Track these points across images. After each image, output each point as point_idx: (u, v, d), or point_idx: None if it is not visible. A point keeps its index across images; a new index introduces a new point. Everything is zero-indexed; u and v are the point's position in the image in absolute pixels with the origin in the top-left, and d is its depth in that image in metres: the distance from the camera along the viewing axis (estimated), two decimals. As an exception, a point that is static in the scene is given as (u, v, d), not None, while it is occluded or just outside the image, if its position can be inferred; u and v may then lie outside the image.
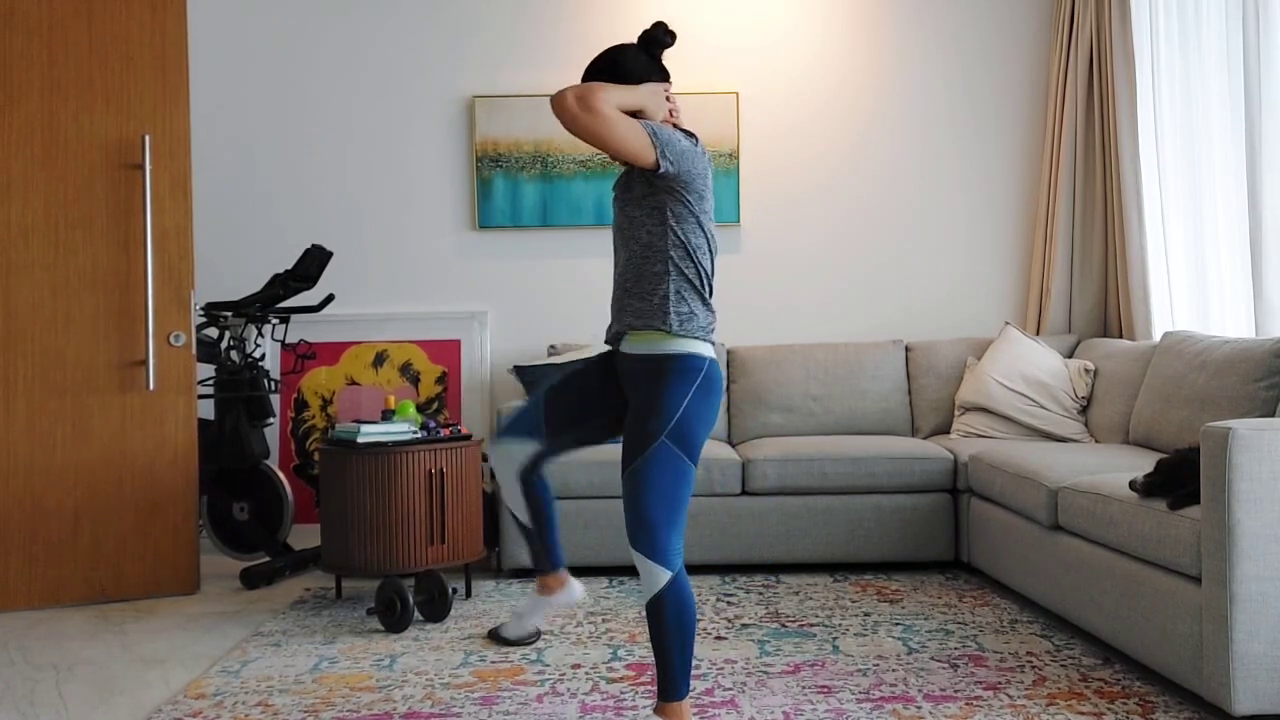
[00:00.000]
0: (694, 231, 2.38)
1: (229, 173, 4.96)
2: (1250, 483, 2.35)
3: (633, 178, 2.44)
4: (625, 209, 2.46)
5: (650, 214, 2.38)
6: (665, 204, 2.35)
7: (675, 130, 2.38)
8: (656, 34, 2.49)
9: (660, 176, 2.31)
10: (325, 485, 3.63)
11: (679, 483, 2.35)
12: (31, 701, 2.78)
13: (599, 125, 2.21)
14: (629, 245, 2.44)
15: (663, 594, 2.30)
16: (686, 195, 2.35)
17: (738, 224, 4.93)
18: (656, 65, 2.50)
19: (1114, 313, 4.62)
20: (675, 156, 2.30)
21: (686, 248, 2.38)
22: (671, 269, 2.38)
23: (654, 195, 2.37)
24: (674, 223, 2.36)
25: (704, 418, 2.38)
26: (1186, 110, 4.16)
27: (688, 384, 2.36)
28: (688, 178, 2.34)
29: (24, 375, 3.79)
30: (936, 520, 4.00)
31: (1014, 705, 2.60)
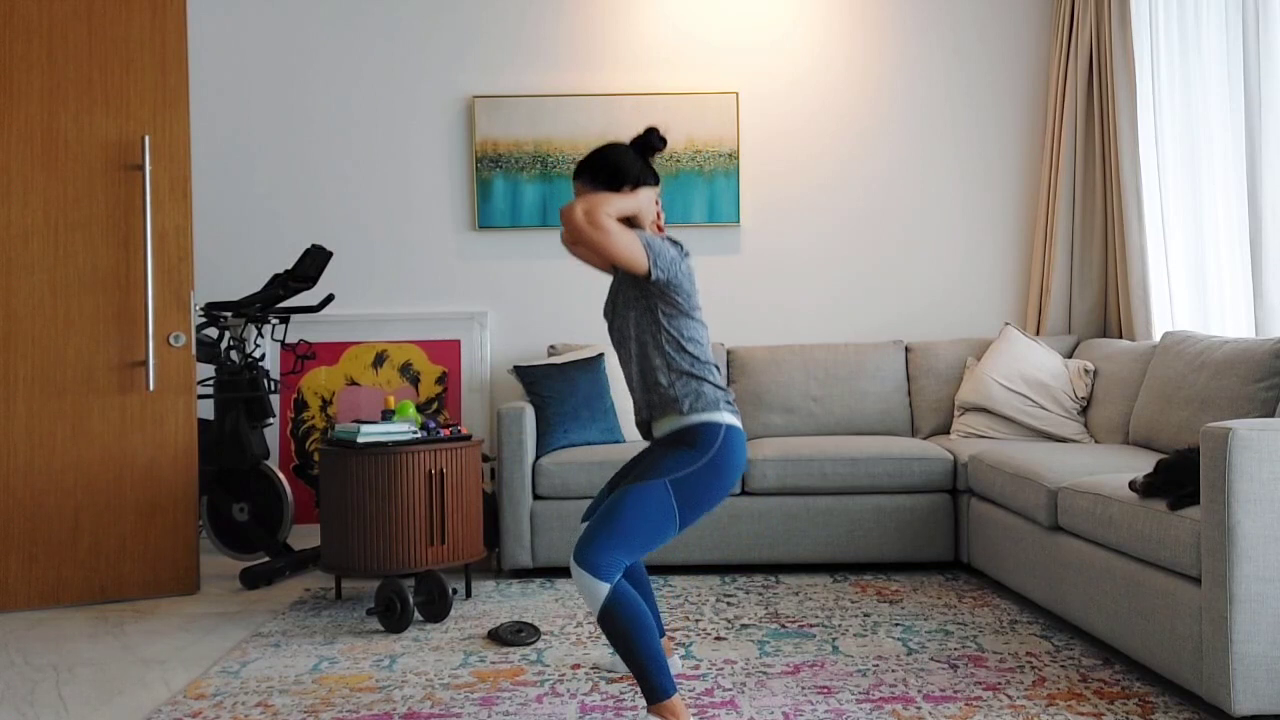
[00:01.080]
0: (686, 325, 2.55)
1: (229, 173, 4.96)
2: (1250, 483, 2.34)
3: (622, 285, 2.61)
4: (619, 313, 2.62)
5: (643, 315, 2.55)
6: (656, 305, 2.53)
7: (664, 240, 2.54)
8: (650, 140, 2.66)
9: (650, 283, 2.50)
10: (325, 485, 3.63)
11: (655, 529, 2.44)
12: (31, 702, 2.78)
13: (604, 240, 2.40)
14: (628, 345, 2.60)
15: (609, 606, 2.35)
16: (675, 297, 2.53)
17: (738, 224, 4.93)
18: (649, 168, 2.65)
19: (1114, 313, 4.62)
20: (665, 265, 2.48)
21: (680, 341, 2.54)
22: (670, 362, 2.53)
23: (645, 299, 2.54)
24: (665, 321, 2.53)
25: (712, 492, 2.49)
26: (1186, 110, 4.16)
27: (703, 450, 2.48)
28: (676, 282, 2.51)
29: (24, 376, 3.79)
30: (936, 521, 4.00)
31: (1014, 705, 2.60)
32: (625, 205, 2.51)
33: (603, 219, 2.40)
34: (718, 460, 2.48)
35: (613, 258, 2.43)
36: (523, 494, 4.00)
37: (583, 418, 4.28)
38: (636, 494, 2.44)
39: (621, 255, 2.42)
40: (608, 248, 2.41)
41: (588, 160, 2.63)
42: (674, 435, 2.53)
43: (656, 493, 2.44)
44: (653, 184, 2.64)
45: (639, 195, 2.57)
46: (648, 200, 2.60)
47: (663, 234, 2.62)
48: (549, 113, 4.89)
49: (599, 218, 2.40)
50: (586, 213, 2.40)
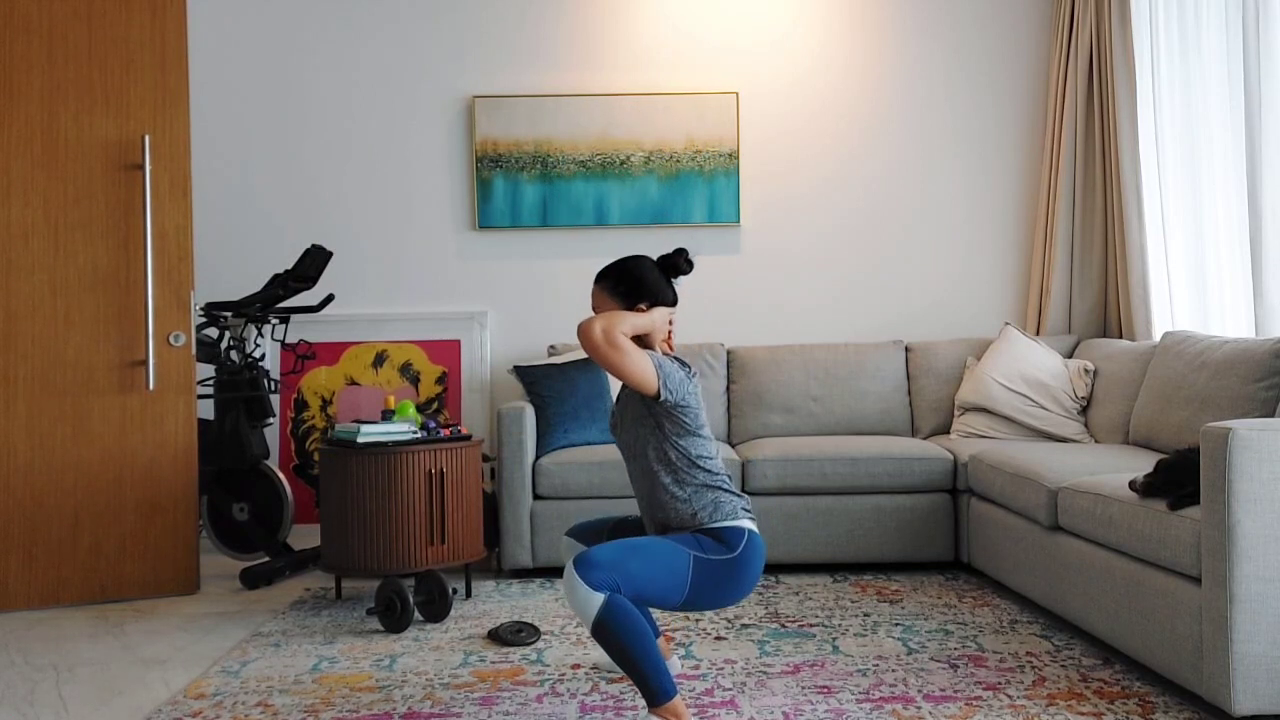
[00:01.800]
0: (694, 443, 2.58)
1: (229, 173, 4.96)
2: (1250, 483, 2.34)
3: (629, 402, 2.65)
4: (628, 428, 2.65)
5: (652, 432, 2.58)
6: (663, 424, 2.57)
7: (672, 361, 2.59)
8: (678, 262, 2.74)
9: (659, 403, 2.54)
10: (325, 485, 3.63)
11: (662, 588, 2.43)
12: (31, 702, 2.78)
13: (619, 360, 2.46)
14: (637, 460, 2.63)
15: (602, 616, 2.34)
16: (682, 417, 2.56)
17: (738, 224, 4.93)
18: (669, 288, 2.73)
19: (1114, 313, 4.62)
20: (674, 387, 2.53)
21: (689, 457, 2.57)
22: (682, 477, 2.57)
23: (651, 417, 2.58)
24: (674, 439, 2.57)
25: (729, 584, 2.51)
26: (1186, 110, 4.16)
27: (734, 547, 2.51)
28: (684, 403, 2.55)
29: (24, 376, 3.79)
30: (936, 520, 4.00)
31: (1014, 705, 2.60)
32: (640, 323, 2.57)
33: (619, 338, 2.46)
34: (742, 560, 2.51)
35: (625, 377, 2.48)
36: (523, 494, 4.00)
37: (583, 418, 4.28)
38: (665, 548, 2.46)
39: (634, 375, 2.47)
40: (622, 367, 2.46)
41: (613, 268, 2.69)
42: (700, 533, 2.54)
43: (680, 559, 2.46)
44: (669, 304, 2.69)
45: (654, 314, 2.62)
46: (662, 319, 2.65)
47: (672, 353, 2.68)
48: (549, 113, 4.89)
49: (615, 337, 2.46)
50: (605, 331, 2.46)
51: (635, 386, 2.51)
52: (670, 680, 2.39)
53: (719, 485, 2.58)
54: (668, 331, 2.70)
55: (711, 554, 2.48)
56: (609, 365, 2.47)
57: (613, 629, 2.34)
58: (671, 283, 2.72)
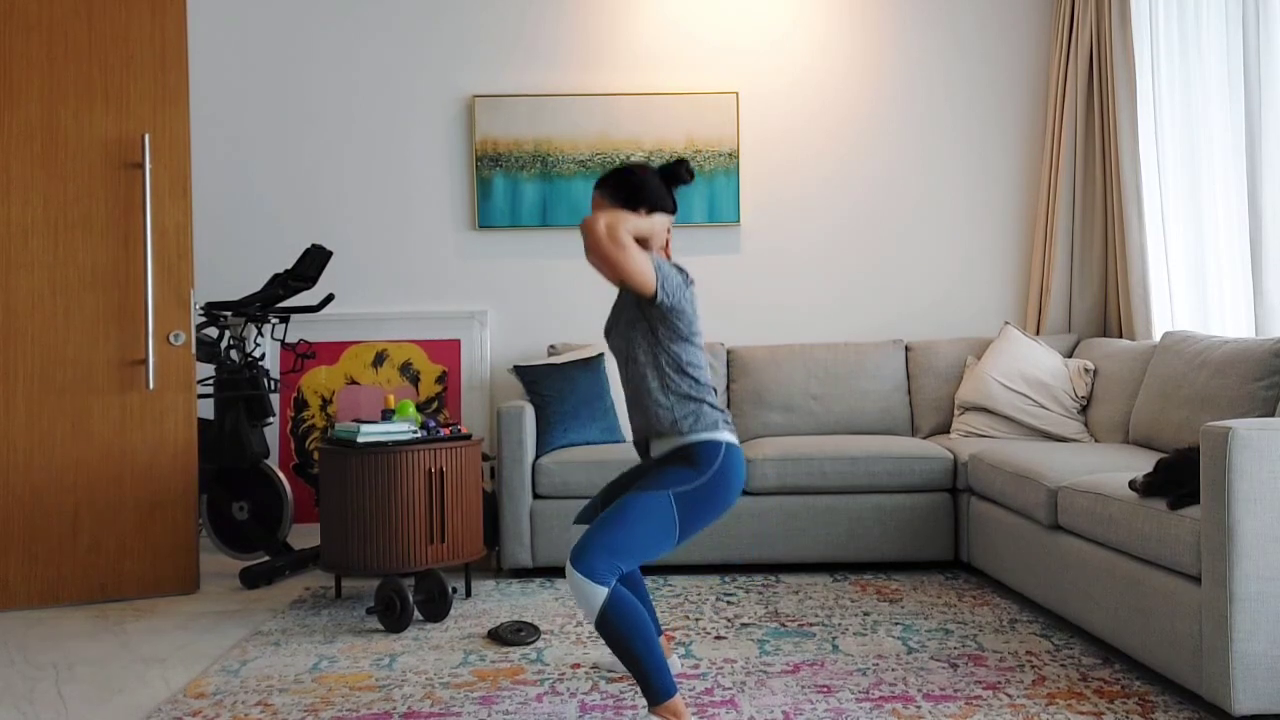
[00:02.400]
0: (685, 349, 2.59)
1: (229, 173, 4.96)
2: (1250, 483, 2.35)
3: (625, 305, 2.66)
4: (621, 331, 2.66)
5: (644, 336, 2.59)
6: (656, 328, 2.58)
7: (672, 265, 2.59)
8: (679, 171, 2.73)
9: (654, 305, 2.54)
10: (325, 485, 3.63)
11: (654, 540, 2.46)
12: (31, 701, 2.78)
13: (620, 256, 2.46)
14: (627, 365, 2.64)
15: (606, 610, 2.36)
16: (676, 321, 2.57)
17: (738, 224, 4.93)
18: (669, 197, 2.72)
19: (1114, 312, 4.62)
20: (671, 290, 2.54)
21: (679, 364, 2.58)
22: (669, 383, 2.57)
23: (646, 320, 2.58)
24: (666, 342, 2.57)
25: (712, 508, 2.53)
26: (1186, 110, 4.16)
27: (705, 467, 2.52)
28: (679, 307, 2.56)
29: (24, 374, 3.79)
30: (936, 520, 4.00)
31: (1014, 705, 2.60)
32: (640, 226, 2.56)
33: (622, 235, 2.46)
34: (719, 477, 2.52)
35: (624, 274, 2.47)
36: (523, 493, 4.00)
37: (583, 417, 4.28)
38: (639, 503, 2.46)
39: (633, 274, 2.47)
40: (622, 264, 2.45)
41: (613, 175, 2.68)
42: (673, 453, 2.56)
43: (660, 503, 2.47)
44: (669, 211, 2.69)
45: (654, 219, 2.62)
46: (661, 225, 2.64)
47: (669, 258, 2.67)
48: (549, 113, 4.89)
49: (619, 234, 2.46)
50: (609, 227, 2.45)
51: (634, 286, 2.50)
52: (671, 679, 2.39)
53: (703, 397, 2.57)
54: (666, 240, 2.70)
55: (687, 483, 2.49)
56: (610, 261, 2.45)
57: (615, 624, 2.35)
58: (672, 192, 2.72)
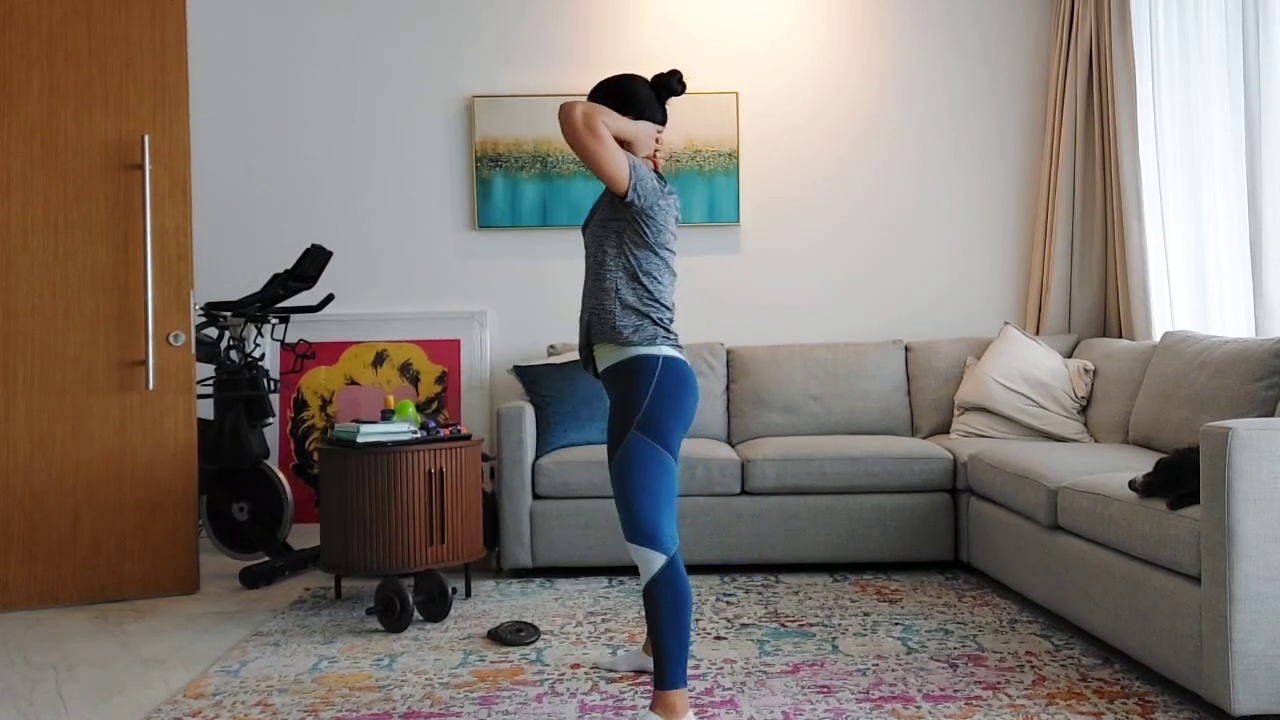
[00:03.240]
0: (647, 259, 2.58)
1: (229, 173, 4.96)
2: (1250, 483, 2.34)
3: (604, 201, 2.66)
4: (593, 230, 2.67)
5: (609, 237, 2.60)
6: (624, 230, 2.57)
7: (652, 171, 2.60)
8: (670, 81, 2.72)
9: (626, 205, 2.54)
10: (325, 485, 3.63)
11: (657, 472, 2.51)
12: (31, 701, 2.78)
13: (594, 145, 2.44)
14: (593, 258, 2.65)
15: (657, 577, 2.44)
16: (645, 226, 2.56)
17: (738, 224, 4.93)
18: (659, 107, 2.71)
19: (1114, 312, 4.62)
20: (644, 192, 2.53)
21: (637, 271, 2.58)
22: (620, 287, 2.58)
23: (616, 221, 2.58)
24: (629, 248, 2.57)
25: (671, 410, 2.55)
26: (1186, 110, 4.16)
27: (647, 381, 2.54)
28: (650, 212, 2.55)
29: (24, 375, 3.79)
30: (936, 520, 4.00)
31: (1013, 705, 2.60)
32: (624, 127, 2.55)
33: (599, 125, 2.44)
34: (663, 387, 2.53)
35: (597, 165, 2.45)
36: (522, 494, 4.00)
37: (583, 417, 4.28)
38: (623, 461, 2.52)
39: (606, 166, 2.45)
40: (595, 153, 2.44)
41: (604, 83, 2.70)
42: (614, 373, 2.58)
43: (636, 446, 2.50)
44: (658, 121, 2.69)
45: (639, 125, 2.61)
46: (647, 132, 2.64)
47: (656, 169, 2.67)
48: (549, 113, 4.88)
49: (596, 123, 2.44)
50: (585, 114, 2.44)
51: (606, 179, 2.48)
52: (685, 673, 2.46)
53: (648, 311, 2.56)
54: (654, 149, 2.69)
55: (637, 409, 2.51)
56: (583, 150, 2.44)
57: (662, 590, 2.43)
58: (663, 104, 2.70)
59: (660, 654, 2.43)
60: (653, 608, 2.44)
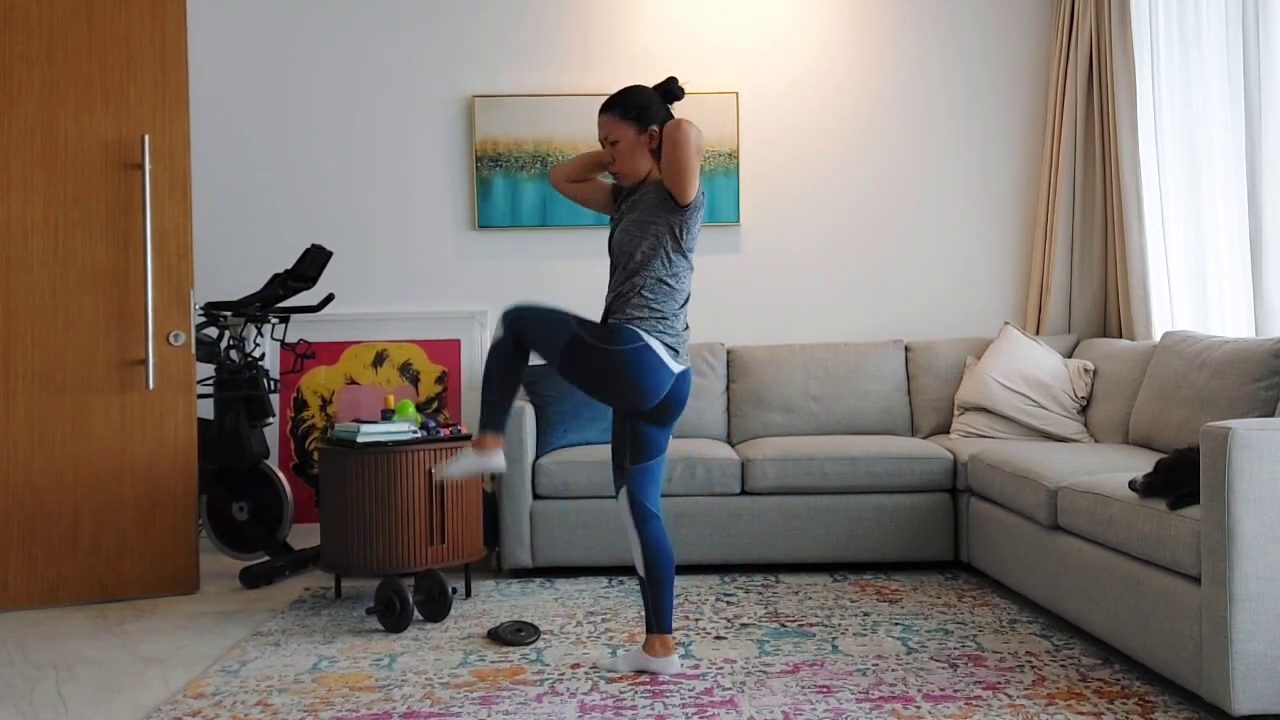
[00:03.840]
0: (677, 261, 2.75)
1: (229, 173, 4.96)
2: (1250, 483, 2.34)
3: (644, 200, 2.76)
4: (628, 229, 2.76)
5: (646, 237, 2.72)
6: (662, 233, 2.72)
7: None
8: (671, 88, 2.88)
9: (683, 209, 2.71)
10: (325, 485, 3.63)
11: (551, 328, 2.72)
12: (31, 701, 2.78)
13: (696, 162, 2.65)
14: (621, 258, 2.78)
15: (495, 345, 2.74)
16: (688, 229, 2.74)
17: (738, 224, 4.93)
18: (668, 113, 2.86)
19: (1114, 313, 4.62)
20: (702, 201, 2.76)
21: (663, 272, 2.72)
22: (644, 286, 2.72)
23: (657, 223, 2.73)
24: (664, 249, 2.72)
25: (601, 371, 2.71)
26: (1186, 110, 4.16)
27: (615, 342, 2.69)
28: (697, 216, 2.75)
29: (24, 375, 3.79)
30: (936, 520, 4.00)
31: (1013, 705, 2.60)
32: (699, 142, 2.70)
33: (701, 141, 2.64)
34: (617, 358, 2.67)
35: (687, 178, 2.62)
36: (523, 493, 4.00)
37: (583, 417, 4.28)
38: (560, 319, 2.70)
39: (693, 176, 2.64)
40: (694, 170, 2.63)
41: (619, 96, 2.82)
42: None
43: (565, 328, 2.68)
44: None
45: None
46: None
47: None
48: (549, 113, 4.89)
49: (701, 144, 2.65)
50: (699, 138, 2.63)
51: (684, 188, 2.64)
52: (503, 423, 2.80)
53: (661, 313, 2.71)
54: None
55: (592, 338, 2.68)
56: (686, 165, 2.60)
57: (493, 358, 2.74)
58: (670, 110, 2.84)
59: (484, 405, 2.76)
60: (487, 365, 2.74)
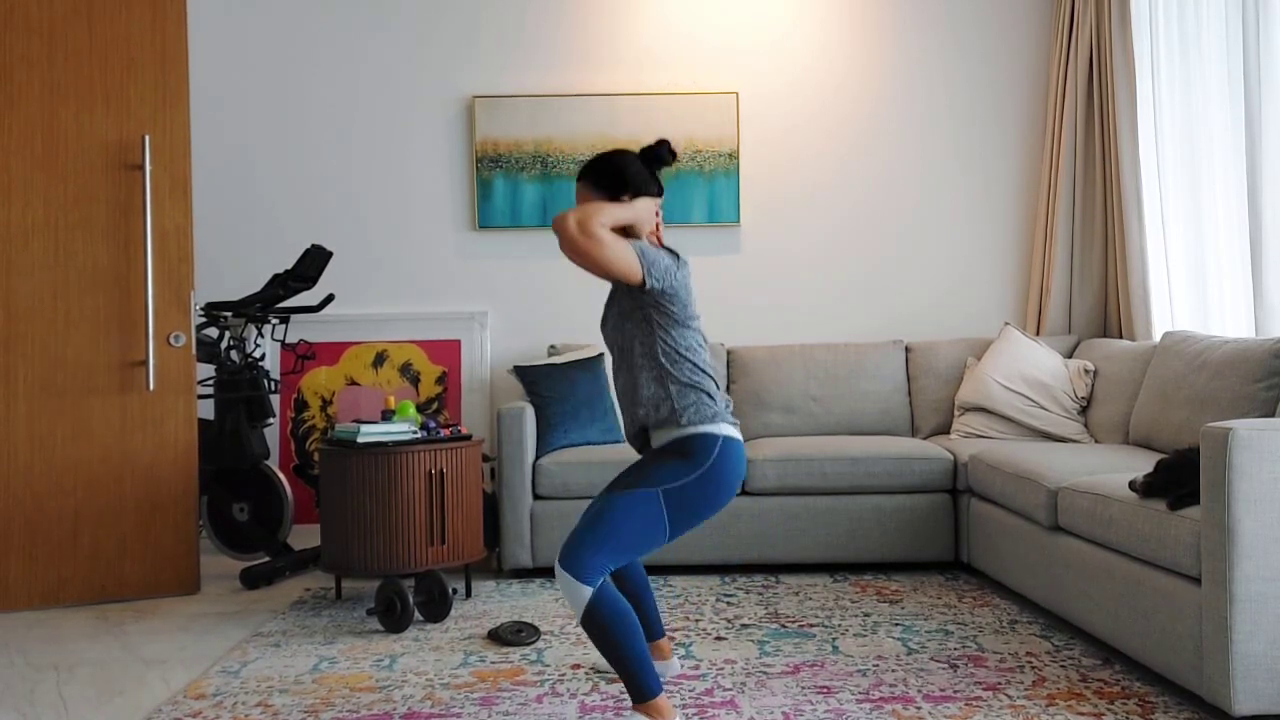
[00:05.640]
0: (682, 335, 2.52)
1: (229, 173, 4.96)
2: (1250, 483, 2.34)
3: (619, 295, 2.59)
4: (615, 324, 2.60)
5: (639, 325, 2.53)
6: (651, 316, 2.51)
7: (659, 249, 2.52)
8: (660, 152, 2.64)
9: (645, 292, 2.47)
10: (325, 485, 3.63)
11: (643, 536, 2.42)
12: (31, 702, 2.78)
13: (596, 250, 2.37)
14: (623, 355, 2.58)
15: (593, 608, 2.33)
16: (671, 306, 2.50)
17: (738, 224, 4.93)
18: (653, 179, 2.64)
19: (1114, 313, 4.62)
20: (660, 275, 2.46)
21: (677, 351, 2.52)
22: (666, 374, 2.51)
23: (640, 309, 2.52)
24: (662, 332, 2.51)
25: (709, 500, 2.47)
26: (1186, 110, 4.16)
27: (701, 460, 2.46)
28: (671, 291, 2.48)
29: (24, 376, 3.79)
30: (936, 520, 4.00)
31: (1014, 705, 2.60)
32: (621, 215, 2.48)
33: (595, 229, 2.37)
34: (714, 473, 2.46)
35: (605, 268, 2.39)
36: (523, 494, 4.00)
37: (583, 418, 4.28)
38: (626, 501, 2.42)
39: (614, 266, 2.39)
40: (600, 258, 2.38)
41: (593, 163, 2.62)
42: (669, 445, 2.51)
43: (647, 501, 2.41)
44: (654, 195, 2.62)
45: (636, 205, 2.54)
46: (646, 210, 2.56)
47: (660, 244, 2.60)
48: (549, 113, 4.89)
49: (592, 228, 2.37)
50: (579, 223, 2.37)
51: (619, 278, 2.42)
52: (656, 679, 2.38)
53: (702, 386, 2.50)
54: (655, 223, 2.61)
55: (679, 478, 2.43)
56: (587, 258, 2.37)
57: (600, 622, 2.32)
58: (656, 175, 2.63)
59: (623, 673, 2.35)
60: (597, 636, 2.34)
